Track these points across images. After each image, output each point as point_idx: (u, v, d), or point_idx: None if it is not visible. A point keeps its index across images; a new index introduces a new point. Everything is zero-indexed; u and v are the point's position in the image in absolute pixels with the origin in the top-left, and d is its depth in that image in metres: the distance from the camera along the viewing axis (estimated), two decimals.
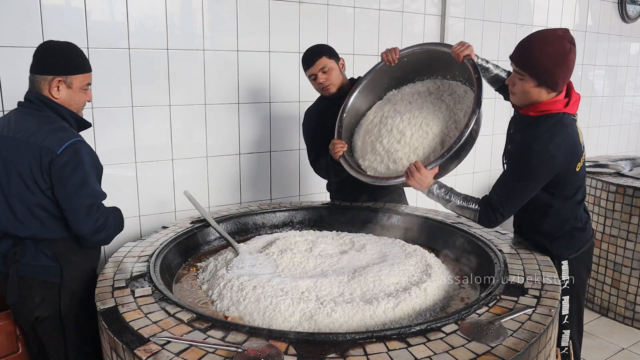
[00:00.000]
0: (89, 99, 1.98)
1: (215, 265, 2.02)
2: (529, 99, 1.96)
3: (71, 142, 1.81)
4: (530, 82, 1.90)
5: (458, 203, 2.07)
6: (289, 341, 1.39)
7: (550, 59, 1.84)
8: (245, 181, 3.35)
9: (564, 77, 1.89)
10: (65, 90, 1.89)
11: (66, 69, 1.88)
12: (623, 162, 4.34)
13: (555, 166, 1.92)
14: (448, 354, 1.34)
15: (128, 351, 1.37)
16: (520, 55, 1.91)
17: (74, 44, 2.00)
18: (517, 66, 1.92)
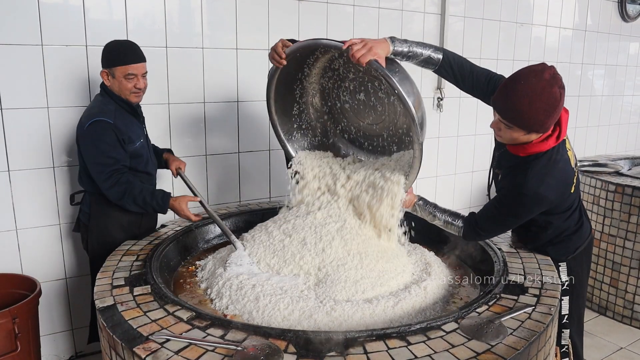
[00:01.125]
0: (137, 86, 2.32)
1: (214, 263, 2.02)
2: (518, 142, 1.86)
3: (95, 120, 2.22)
4: (519, 132, 1.79)
5: (443, 219, 2.06)
6: (288, 339, 1.38)
7: (540, 112, 1.71)
8: (244, 179, 3.34)
9: (553, 120, 1.78)
10: (111, 79, 2.31)
11: (106, 63, 2.31)
12: (622, 162, 4.34)
13: (547, 204, 1.90)
14: (448, 352, 1.34)
15: (127, 349, 1.37)
16: (506, 110, 1.77)
17: (124, 40, 2.39)
18: (503, 118, 1.79)
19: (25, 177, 2.68)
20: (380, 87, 2.18)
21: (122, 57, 2.28)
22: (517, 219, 1.96)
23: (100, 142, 2.22)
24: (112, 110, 2.30)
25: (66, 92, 2.70)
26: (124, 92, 2.33)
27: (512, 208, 1.91)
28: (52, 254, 2.85)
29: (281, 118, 2.37)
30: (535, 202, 1.87)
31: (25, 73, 2.58)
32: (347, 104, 2.36)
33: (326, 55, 2.19)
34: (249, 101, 3.25)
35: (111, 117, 2.26)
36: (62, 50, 2.65)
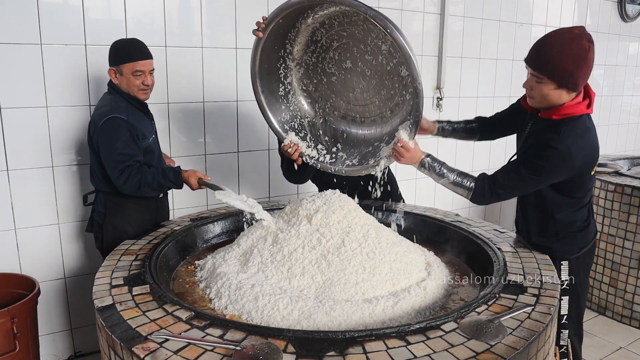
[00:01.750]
0: (144, 83, 2.36)
1: (213, 263, 2.01)
2: (548, 102, 1.89)
3: (109, 117, 2.25)
4: (550, 85, 1.83)
5: (452, 178, 2.02)
6: (287, 339, 1.38)
7: (569, 59, 1.77)
8: (244, 179, 3.34)
9: (584, 77, 1.83)
10: (119, 77, 2.36)
11: (114, 61, 2.35)
12: (621, 162, 4.34)
13: (572, 168, 1.87)
14: (447, 352, 1.34)
15: (126, 349, 1.36)
16: (537, 57, 1.83)
17: (130, 39, 2.40)
18: (534, 69, 1.85)
19: (24, 177, 2.68)
20: (366, 48, 2.18)
21: (130, 55, 2.32)
22: (538, 178, 1.90)
23: (114, 139, 2.24)
24: (123, 107, 2.33)
25: (65, 91, 2.70)
26: (132, 89, 2.36)
27: (538, 162, 1.87)
28: (51, 253, 2.84)
29: (268, 98, 2.38)
30: (562, 160, 1.84)
31: (24, 72, 2.58)
32: (334, 76, 2.36)
33: (307, 28, 2.24)
34: (248, 101, 3.25)
35: (124, 113, 2.29)
36: (61, 50, 2.65)
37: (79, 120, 2.76)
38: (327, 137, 2.44)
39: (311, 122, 2.48)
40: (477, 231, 2.27)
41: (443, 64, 4.00)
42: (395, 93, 2.21)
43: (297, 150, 2.33)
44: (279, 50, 2.32)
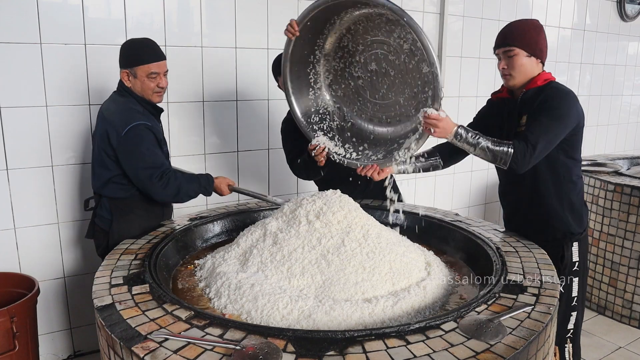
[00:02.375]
0: (159, 85, 2.29)
1: (213, 262, 2.01)
2: (525, 74, 2.10)
3: (133, 125, 2.17)
4: (522, 54, 2.06)
5: (489, 145, 2.00)
6: (287, 338, 1.38)
7: (531, 28, 2.08)
8: (244, 178, 3.34)
9: (545, 46, 2.11)
10: (133, 80, 2.27)
11: (127, 63, 2.26)
12: (621, 161, 4.35)
13: (579, 110, 2.06)
14: (447, 351, 1.34)
15: (126, 348, 1.36)
16: (503, 35, 2.11)
17: (142, 39, 2.31)
18: (504, 45, 2.09)
19: (23, 176, 2.68)
20: (389, 49, 2.25)
21: (144, 56, 2.25)
22: (562, 122, 2.02)
23: (144, 146, 2.19)
24: (140, 111, 2.27)
25: (65, 91, 2.70)
26: (146, 92, 2.29)
27: (555, 109, 2.01)
28: (51, 253, 2.84)
29: (298, 100, 2.43)
30: (573, 99, 2.05)
31: (23, 71, 2.58)
32: (361, 79, 2.41)
33: (334, 34, 2.32)
34: (248, 100, 3.25)
35: (145, 119, 2.24)
36: (61, 49, 2.65)
37: (79, 119, 2.76)
38: (355, 138, 2.46)
39: (339, 126, 2.50)
40: (477, 231, 2.27)
41: (442, 64, 4.01)
42: (418, 91, 2.25)
43: (323, 151, 2.37)
44: (309, 56, 2.38)
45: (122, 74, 2.28)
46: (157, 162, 2.21)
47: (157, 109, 2.41)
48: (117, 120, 2.21)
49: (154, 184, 2.20)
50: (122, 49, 2.29)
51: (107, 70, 2.76)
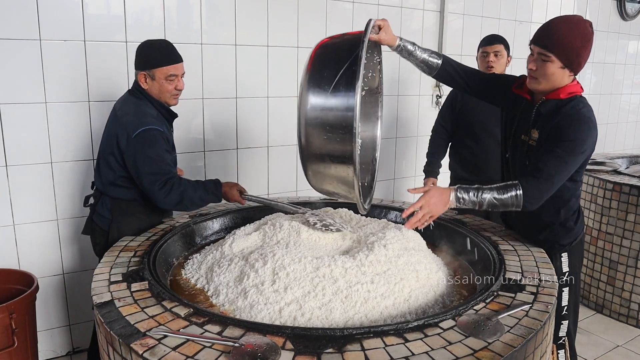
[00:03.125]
0: (177, 87, 2.27)
1: (212, 259, 2.01)
2: (552, 83, 1.92)
3: (145, 129, 2.15)
4: (557, 64, 1.87)
5: (495, 196, 1.88)
6: (286, 336, 1.38)
7: (578, 38, 1.84)
8: (243, 176, 3.34)
9: (586, 58, 1.90)
10: (150, 82, 2.24)
11: (145, 65, 2.23)
12: (620, 160, 4.35)
13: (594, 141, 1.93)
14: (445, 349, 1.34)
15: (124, 345, 1.37)
16: (546, 36, 1.86)
17: (160, 40, 2.30)
18: (542, 48, 1.87)
19: (22, 172, 2.68)
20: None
21: (163, 58, 2.22)
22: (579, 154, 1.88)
23: (152, 151, 2.15)
24: (154, 115, 2.24)
25: (64, 87, 2.70)
26: (164, 95, 2.27)
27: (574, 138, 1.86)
28: (50, 249, 2.84)
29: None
30: (593, 128, 1.91)
31: (23, 68, 2.58)
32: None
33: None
34: (248, 98, 3.25)
35: (158, 124, 2.21)
36: (60, 45, 2.64)
37: (78, 116, 2.76)
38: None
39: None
40: (476, 229, 2.28)
41: None
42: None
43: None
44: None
45: (139, 76, 2.24)
46: (163, 168, 2.17)
47: (172, 113, 2.38)
48: (130, 123, 2.17)
49: (156, 191, 2.17)
50: (139, 50, 2.25)
51: (106, 67, 2.75)
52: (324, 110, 1.72)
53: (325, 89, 1.72)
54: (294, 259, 1.79)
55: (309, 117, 1.75)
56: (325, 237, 2.09)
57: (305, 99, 1.75)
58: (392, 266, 1.83)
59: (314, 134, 1.76)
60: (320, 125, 1.73)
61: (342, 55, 1.72)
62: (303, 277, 1.72)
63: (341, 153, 1.73)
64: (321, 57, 1.80)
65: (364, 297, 1.67)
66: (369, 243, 1.97)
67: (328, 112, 1.72)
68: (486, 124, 3.04)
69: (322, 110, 1.73)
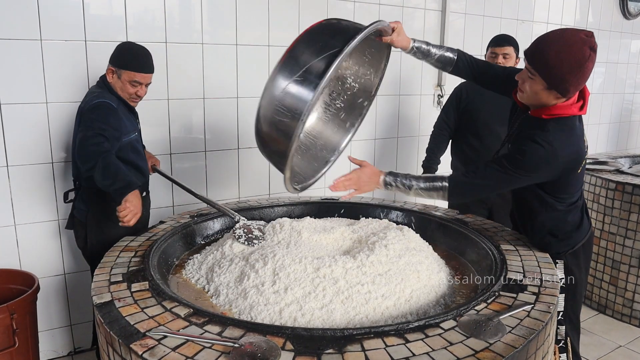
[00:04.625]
0: (138, 93, 2.34)
1: (212, 260, 2.01)
2: (537, 101, 1.84)
3: (101, 101, 2.21)
4: (540, 84, 1.78)
5: (421, 185, 1.93)
6: (286, 336, 1.38)
7: (564, 64, 1.71)
8: (244, 176, 3.34)
9: (576, 84, 1.76)
10: (115, 79, 2.32)
11: (116, 62, 2.30)
12: (622, 160, 4.34)
13: (554, 167, 1.83)
14: (446, 350, 1.33)
15: (124, 346, 1.36)
16: (533, 53, 1.78)
17: (140, 47, 2.34)
18: (528, 63, 1.80)
19: (23, 173, 2.68)
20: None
21: (134, 64, 2.28)
22: (519, 173, 1.83)
23: (100, 119, 2.16)
24: (114, 99, 2.31)
25: (65, 88, 2.70)
26: (123, 94, 2.34)
27: (519, 157, 1.81)
28: (51, 249, 2.84)
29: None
30: (545, 157, 1.79)
31: (24, 68, 2.58)
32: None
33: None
34: (249, 97, 3.25)
35: (114, 102, 2.28)
36: (61, 46, 2.64)
37: None
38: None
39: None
40: (478, 229, 2.27)
41: None
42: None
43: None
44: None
45: (108, 69, 2.32)
46: (98, 127, 2.12)
47: (130, 108, 2.43)
48: (87, 103, 2.25)
49: (84, 145, 2.09)
50: (117, 47, 2.32)
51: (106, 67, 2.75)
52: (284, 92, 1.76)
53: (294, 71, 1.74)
54: (295, 260, 1.79)
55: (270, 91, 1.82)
56: (326, 237, 2.09)
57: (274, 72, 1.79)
58: (393, 266, 1.83)
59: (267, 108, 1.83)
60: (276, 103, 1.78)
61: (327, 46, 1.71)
62: (303, 277, 1.71)
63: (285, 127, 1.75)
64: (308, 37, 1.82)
65: (365, 298, 1.66)
66: (370, 243, 1.97)
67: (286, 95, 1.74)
68: (489, 122, 3.03)
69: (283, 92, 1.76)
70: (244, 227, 2.19)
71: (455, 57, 2.12)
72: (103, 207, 2.33)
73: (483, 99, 3.05)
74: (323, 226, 2.20)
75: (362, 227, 2.23)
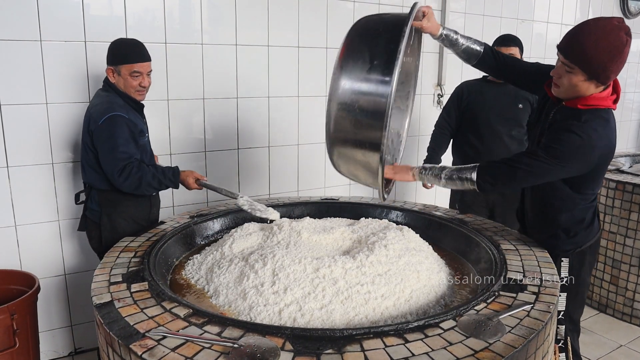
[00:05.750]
0: (141, 84, 2.35)
1: (212, 260, 2.01)
2: (575, 93, 1.82)
3: (110, 115, 2.24)
4: (580, 76, 1.76)
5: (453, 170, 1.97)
6: (285, 337, 1.38)
7: (604, 52, 1.69)
8: (244, 176, 3.33)
9: (616, 71, 1.76)
10: (117, 77, 2.34)
11: (112, 60, 2.34)
12: (623, 159, 4.33)
13: (590, 158, 1.82)
14: (446, 350, 1.33)
15: (124, 346, 1.36)
16: (570, 47, 1.76)
17: (130, 39, 2.40)
18: (565, 58, 1.77)
19: (24, 174, 2.68)
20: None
21: (128, 56, 2.31)
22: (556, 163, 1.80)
23: (115, 137, 2.24)
24: (122, 104, 2.33)
25: (65, 88, 2.70)
26: (128, 90, 2.35)
27: (556, 146, 1.79)
28: (51, 250, 2.85)
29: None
30: (582, 147, 1.78)
31: (23, 69, 2.58)
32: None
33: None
34: (249, 97, 3.25)
35: (124, 111, 2.30)
36: (61, 46, 2.64)
37: (79, 116, 2.76)
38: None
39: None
40: (478, 229, 2.27)
41: (444, 61, 3.99)
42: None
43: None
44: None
45: (107, 71, 2.35)
46: (123, 155, 2.24)
47: (139, 105, 2.45)
48: (96, 112, 2.28)
49: (115, 176, 2.24)
50: (110, 47, 2.35)
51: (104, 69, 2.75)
52: (356, 94, 1.67)
53: (359, 72, 1.67)
54: (294, 260, 1.79)
55: (340, 98, 1.70)
56: (326, 237, 2.09)
57: (337, 80, 1.70)
58: (392, 267, 1.83)
59: (343, 116, 1.71)
60: (351, 108, 1.69)
61: (381, 38, 1.67)
62: (303, 278, 1.71)
63: (369, 139, 1.69)
64: (358, 38, 1.75)
65: (365, 298, 1.66)
66: (370, 243, 1.97)
67: (360, 96, 1.67)
68: (491, 121, 3.03)
69: (354, 94, 1.68)
70: (248, 201, 2.33)
71: (482, 51, 2.12)
72: (115, 207, 2.38)
73: (484, 99, 3.04)
74: (323, 226, 2.21)
75: (361, 227, 2.24)
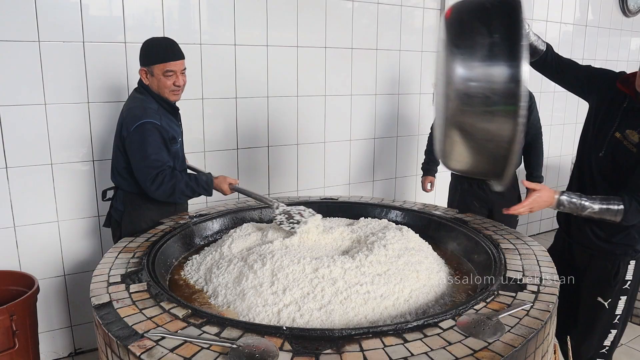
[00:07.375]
0: (175, 83, 2.31)
1: (211, 260, 2.01)
2: None
3: (141, 123, 2.22)
4: None
5: (596, 207, 1.88)
6: (284, 337, 1.37)
7: None
8: (243, 176, 3.33)
9: None
10: (150, 78, 2.31)
11: (144, 61, 2.30)
12: None
13: None
14: (445, 349, 1.33)
15: (122, 347, 1.36)
16: None
17: (162, 38, 2.40)
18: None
19: (23, 174, 2.68)
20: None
21: (161, 55, 2.27)
22: None
23: (146, 145, 2.22)
24: (155, 109, 2.30)
25: (64, 89, 2.70)
26: (162, 90, 2.32)
27: None
28: (51, 251, 2.84)
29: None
30: None
31: (22, 70, 2.58)
32: None
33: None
34: (248, 97, 3.24)
35: (157, 117, 2.26)
36: (59, 47, 2.64)
37: (78, 117, 2.76)
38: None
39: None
40: (477, 228, 2.26)
41: None
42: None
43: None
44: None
45: (140, 72, 2.32)
46: (156, 163, 2.23)
47: (174, 107, 2.44)
48: (130, 117, 2.27)
49: (148, 184, 2.24)
50: (142, 48, 2.31)
51: (106, 68, 2.75)
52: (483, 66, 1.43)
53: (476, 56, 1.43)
54: (293, 260, 1.78)
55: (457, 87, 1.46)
56: (325, 237, 2.09)
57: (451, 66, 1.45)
58: (392, 266, 1.82)
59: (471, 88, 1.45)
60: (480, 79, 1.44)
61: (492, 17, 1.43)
62: (302, 278, 1.71)
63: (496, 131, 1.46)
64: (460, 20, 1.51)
65: (364, 298, 1.66)
66: (369, 243, 1.96)
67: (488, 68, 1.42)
68: None
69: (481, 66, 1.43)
70: (284, 213, 2.24)
71: (545, 49, 2.12)
72: (137, 208, 2.41)
73: None
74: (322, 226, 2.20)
75: (361, 227, 2.23)
